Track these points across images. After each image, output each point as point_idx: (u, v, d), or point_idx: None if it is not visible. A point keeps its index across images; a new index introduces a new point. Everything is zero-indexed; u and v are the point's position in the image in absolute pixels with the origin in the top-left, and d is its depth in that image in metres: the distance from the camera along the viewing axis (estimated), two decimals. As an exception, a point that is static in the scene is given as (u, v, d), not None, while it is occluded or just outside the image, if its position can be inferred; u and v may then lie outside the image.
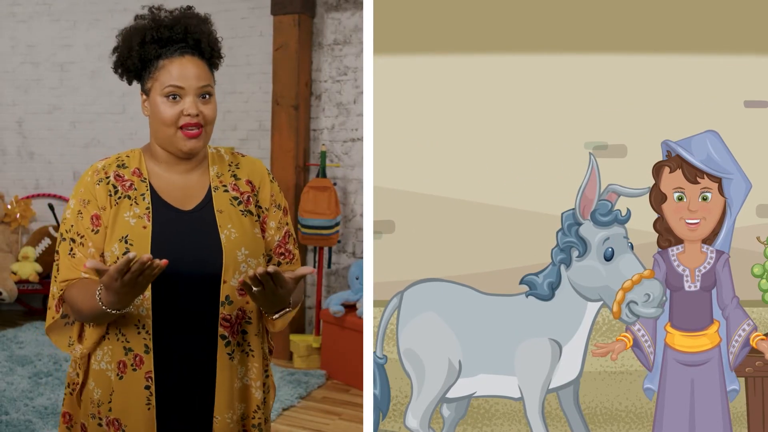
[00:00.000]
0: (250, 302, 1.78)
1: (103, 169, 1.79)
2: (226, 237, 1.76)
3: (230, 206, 1.81)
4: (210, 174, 1.84)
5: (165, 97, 1.73)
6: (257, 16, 5.69)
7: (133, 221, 1.73)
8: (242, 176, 1.87)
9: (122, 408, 1.73)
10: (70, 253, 1.75)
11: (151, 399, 1.72)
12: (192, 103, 1.73)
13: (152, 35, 1.76)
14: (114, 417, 1.74)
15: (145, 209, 1.74)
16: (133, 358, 1.72)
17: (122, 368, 1.73)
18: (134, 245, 1.70)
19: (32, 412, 3.97)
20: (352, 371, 4.65)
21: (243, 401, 1.82)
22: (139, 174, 1.79)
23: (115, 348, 1.74)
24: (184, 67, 1.74)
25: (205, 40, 1.80)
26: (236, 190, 1.84)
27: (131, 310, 1.70)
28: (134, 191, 1.76)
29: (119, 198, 1.75)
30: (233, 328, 1.77)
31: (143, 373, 1.72)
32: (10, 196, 6.42)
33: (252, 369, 1.82)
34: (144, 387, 1.72)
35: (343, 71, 5.38)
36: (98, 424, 1.77)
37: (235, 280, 1.75)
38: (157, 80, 1.75)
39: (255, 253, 1.80)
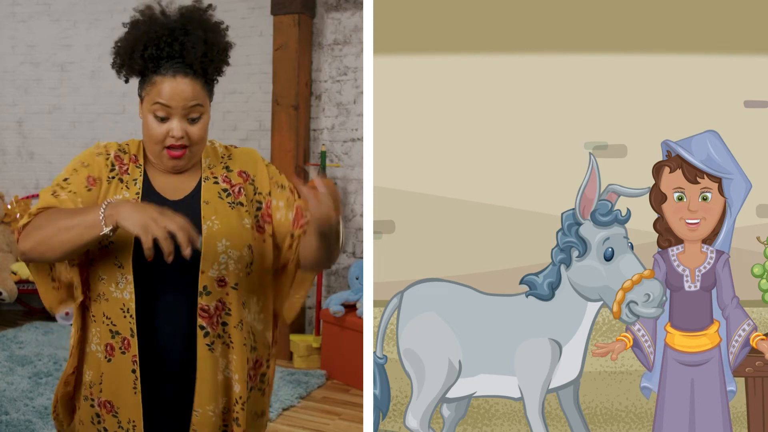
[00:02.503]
0: (230, 293, 1.77)
1: (105, 147, 1.81)
2: (207, 228, 1.76)
3: (217, 198, 1.81)
4: (202, 165, 1.85)
5: (153, 115, 1.73)
6: (257, 16, 5.69)
7: None
8: (234, 167, 1.87)
9: (113, 390, 1.75)
10: (53, 194, 1.72)
11: (137, 384, 1.72)
12: (178, 127, 1.72)
13: (151, 52, 1.74)
14: (105, 399, 1.76)
15: (134, 194, 1.76)
16: (121, 341, 1.73)
17: (110, 351, 1.74)
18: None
19: (32, 412, 3.97)
20: (352, 371, 4.65)
21: (225, 394, 1.81)
22: (135, 160, 1.81)
23: (103, 331, 1.75)
24: (174, 87, 1.72)
25: (200, 54, 1.76)
26: (227, 182, 1.84)
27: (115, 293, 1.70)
28: (128, 176, 1.78)
29: (113, 177, 1.77)
30: (212, 319, 1.76)
31: (130, 357, 1.73)
32: (10, 196, 6.42)
33: (232, 361, 1.80)
34: (131, 371, 1.73)
35: (343, 71, 5.38)
36: (90, 405, 1.79)
37: (213, 271, 1.74)
38: (149, 95, 1.75)
39: (237, 245, 1.78)
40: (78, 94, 6.43)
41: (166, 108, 1.72)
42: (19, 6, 6.45)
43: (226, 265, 1.76)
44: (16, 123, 6.51)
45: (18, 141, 6.54)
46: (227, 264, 1.76)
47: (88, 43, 6.36)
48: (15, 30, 6.48)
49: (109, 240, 1.68)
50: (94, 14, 6.32)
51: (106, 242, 1.69)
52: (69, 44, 6.42)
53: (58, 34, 6.43)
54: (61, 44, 6.44)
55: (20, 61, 6.49)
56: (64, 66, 6.46)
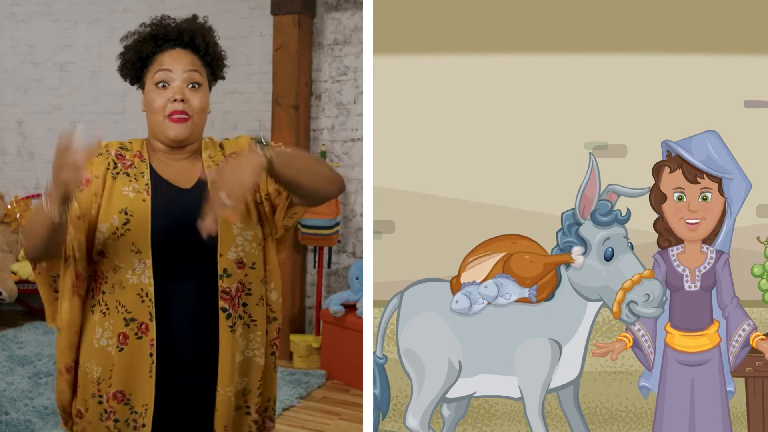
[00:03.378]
0: (248, 274, 1.82)
1: (105, 146, 1.84)
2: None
3: None
4: (203, 156, 1.89)
5: (155, 85, 1.80)
6: (257, 16, 5.69)
7: (132, 195, 1.77)
8: (227, 154, 1.91)
9: (125, 377, 1.76)
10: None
11: (153, 368, 1.75)
12: (178, 89, 1.79)
13: (149, 34, 1.84)
14: (116, 390, 1.77)
15: (144, 185, 1.79)
16: (137, 327, 1.74)
17: (122, 340, 1.75)
18: (134, 216, 1.75)
19: (32, 412, 3.97)
20: (352, 371, 4.65)
21: (245, 375, 1.85)
22: (140, 156, 1.85)
23: (117, 321, 1.76)
24: (174, 55, 1.83)
25: (200, 38, 1.86)
26: None
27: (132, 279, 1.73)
28: (134, 169, 1.82)
29: (117, 173, 1.80)
30: (233, 300, 1.80)
31: (148, 340, 1.75)
32: (10, 196, 6.41)
33: (255, 339, 1.85)
34: (148, 354, 1.75)
35: (343, 71, 5.38)
36: (99, 402, 1.80)
37: (232, 253, 1.78)
38: (150, 71, 1.83)
39: (249, 226, 1.83)
40: (78, 94, 6.43)
41: (167, 72, 1.79)
42: (19, 6, 6.45)
43: (243, 247, 1.80)
44: (16, 123, 6.51)
45: (18, 141, 6.54)
46: (244, 246, 1.81)
47: (88, 43, 6.36)
48: (15, 30, 6.47)
49: (126, 228, 1.73)
50: (94, 14, 6.32)
51: (122, 231, 1.73)
52: (69, 44, 6.42)
53: (58, 34, 6.43)
54: (61, 44, 6.44)
55: (20, 61, 6.49)
56: (64, 66, 6.46)
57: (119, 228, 1.74)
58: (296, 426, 4.08)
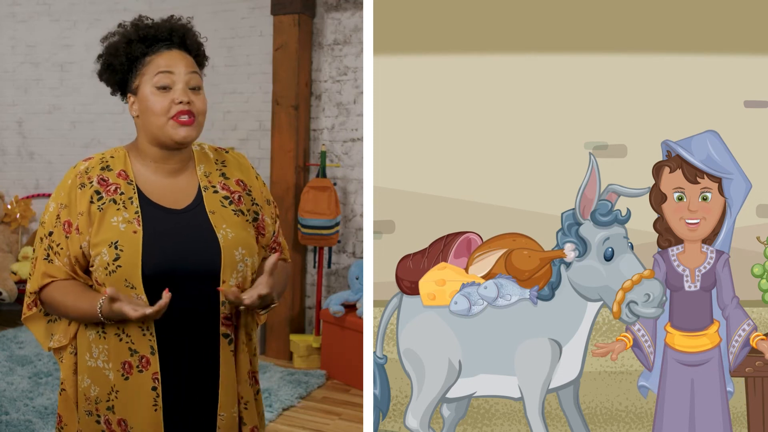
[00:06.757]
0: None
1: (86, 172, 1.78)
2: (223, 237, 1.76)
3: (222, 207, 1.81)
4: (198, 174, 1.84)
5: (155, 88, 1.75)
6: (257, 16, 5.69)
7: (122, 226, 1.71)
8: (231, 176, 1.88)
9: (128, 409, 1.73)
10: (47, 258, 1.77)
11: (158, 401, 1.72)
12: (183, 91, 1.74)
13: (138, 35, 1.79)
14: (120, 417, 1.74)
15: (134, 213, 1.73)
16: (138, 359, 1.72)
17: (128, 369, 1.72)
18: (125, 250, 1.69)
19: (32, 412, 3.97)
20: (352, 371, 4.65)
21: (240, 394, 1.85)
22: (125, 176, 1.78)
23: (119, 348, 1.73)
24: (172, 56, 1.78)
25: (190, 38, 1.83)
26: (226, 190, 1.84)
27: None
28: (121, 195, 1.75)
29: (104, 204, 1.74)
30: (234, 326, 1.80)
31: (150, 375, 1.72)
32: (10, 196, 6.41)
33: (252, 361, 1.88)
34: (151, 388, 1.72)
35: (343, 71, 5.38)
36: (96, 421, 1.77)
37: (233, 279, 1.75)
38: (146, 74, 1.77)
39: (250, 252, 1.80)
40: (78, 94, 6.43)
41: (169, 74, 1.74)
42: (19, 6, 6.45)
43: (243, 273, 1.78)
44: (16, 123, 6.51)
45: (18, 141, 6.53)
46: (244, 272, 1.78)
47: (88, 43, 6.34)
48: (15, 30, 6.47)
49: (116, 265, 1.69)
50: (94, 14, 6.32)
51: (113, 267, 1.69)
52: (69, 44, 6.42)
53: (58, 34, 6.43)
54: (61, 44, 6.43)
55: (20, 61, 6.49)
56: (64, 66, 6.45)
57: (110, 264, 1.69)
58: (296, 426, 4.08)
